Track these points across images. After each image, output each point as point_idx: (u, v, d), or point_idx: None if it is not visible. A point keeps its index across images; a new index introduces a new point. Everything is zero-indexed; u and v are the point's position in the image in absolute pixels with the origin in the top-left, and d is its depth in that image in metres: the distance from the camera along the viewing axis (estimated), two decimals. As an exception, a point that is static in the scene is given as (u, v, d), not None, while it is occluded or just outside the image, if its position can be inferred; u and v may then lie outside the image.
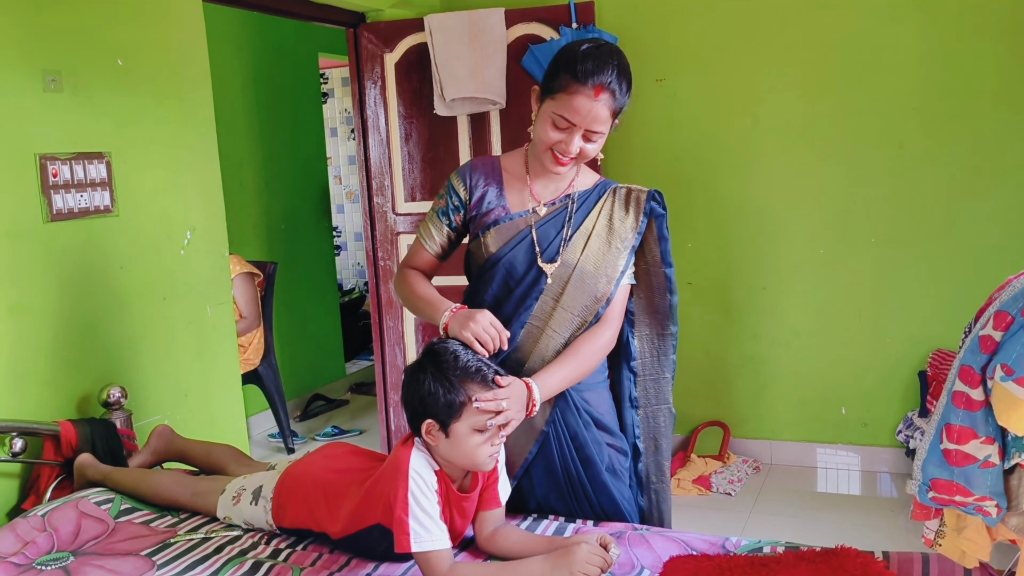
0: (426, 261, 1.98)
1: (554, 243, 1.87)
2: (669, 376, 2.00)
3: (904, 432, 3.54)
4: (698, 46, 3.74)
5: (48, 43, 2.42)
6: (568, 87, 1.73)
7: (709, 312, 3.88)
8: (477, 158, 2.00)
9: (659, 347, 1.98)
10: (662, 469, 2.03)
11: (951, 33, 3.40)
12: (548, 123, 1.78)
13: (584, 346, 1.86)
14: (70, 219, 2.48)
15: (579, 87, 1.72)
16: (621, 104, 1.78)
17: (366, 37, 3.80)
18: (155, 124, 2.74)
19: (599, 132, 1.78)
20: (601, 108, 1.74)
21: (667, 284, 1.93)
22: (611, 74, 1.73)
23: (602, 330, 1.89)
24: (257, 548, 1.87)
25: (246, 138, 4.57)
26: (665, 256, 1.91)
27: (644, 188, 1.93)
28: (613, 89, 1.74)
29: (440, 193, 1.96)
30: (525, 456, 1.90)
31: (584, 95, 1.72)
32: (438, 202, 1.96)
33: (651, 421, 2.01)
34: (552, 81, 1.77)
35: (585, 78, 1.71)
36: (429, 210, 1.98)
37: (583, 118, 1.74)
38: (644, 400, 2.01)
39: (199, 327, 2.93)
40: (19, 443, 2.27)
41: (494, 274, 1.89)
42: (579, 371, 1.87)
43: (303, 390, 5.03)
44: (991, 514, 1.34)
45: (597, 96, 1.72)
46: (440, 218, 1.95)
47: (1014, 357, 1.24)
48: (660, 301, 1.94)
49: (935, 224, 3.51)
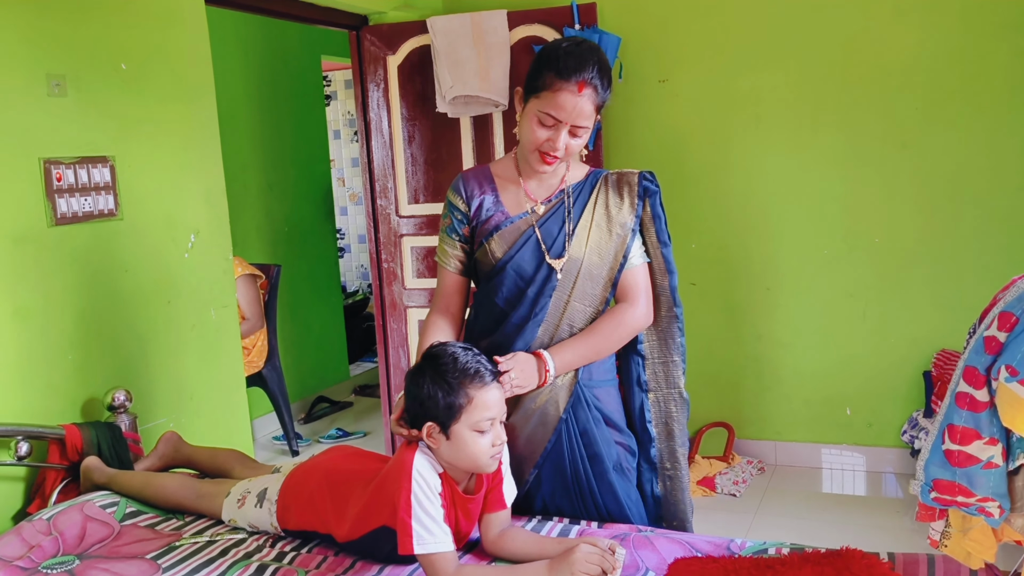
0: (453, 283, 1.99)
1: (558, 239, 1.89)
2: (679, 360, 1.99)
3: (909, 432, 3.54)
4: (700, 47, 3.73)
5: (52, 47, 2.43)
6: (552, 84, 1.77)
7: (713, 313, 3.87)
8: (467, 170, 2.04)
9: (665, 330, 1.99)
10: (676, 456, 2.02)
11: (955, 33, 3.39)
12: (534, 121, 1.81)
13: (604, 324, 1.90)
14: (74, 223, 2.49)
15: (563, 83, 1.76)
16: (603, 99, 1.82)
17: (369, 39, 3.81)
18: (159, 127, 2.75)
19: (584, 127, 1.81)
20: (585, 103, 1.78)
21: (665, 264, 1.94)
22: (592, 70, 1.77)
23: (626, 309, 1.91)
24: (262, 551, 1.87)
25: (249, 141, 4.57)
26: (660, 235, 1.93)
27: (634, 171, 1.96)
28: (595, 84, 1.78)
29: (443, 214, 2.00)
30: (544, 447, 1.91)
31: (568, 91, 1.76)
32: (444, 222, 1.99)
33: (662, 406, 2.01)
34: (535, 80, 1.81)
35: (568, 74, 1.76)
36: (439, 233, 2.01)
37: (568, 114, 1.78)
38: (654, 384, 2.01)
39: (203, 330, 2.93)
40: (24, 447, 2.28)
41: (503, 278, 1.90)
42: (597, 348, 1.90)
43: (307, 392, 5.04)
44: (993, 515, 1.34)
45: (580, 91, 1.76)
46: (450, 236, 1.97)
47: (1019, 358, 1.24)
48: (660, 281, 1.96)
49: (939, 224, 3.51)
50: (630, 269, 1.91)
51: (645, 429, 2.01)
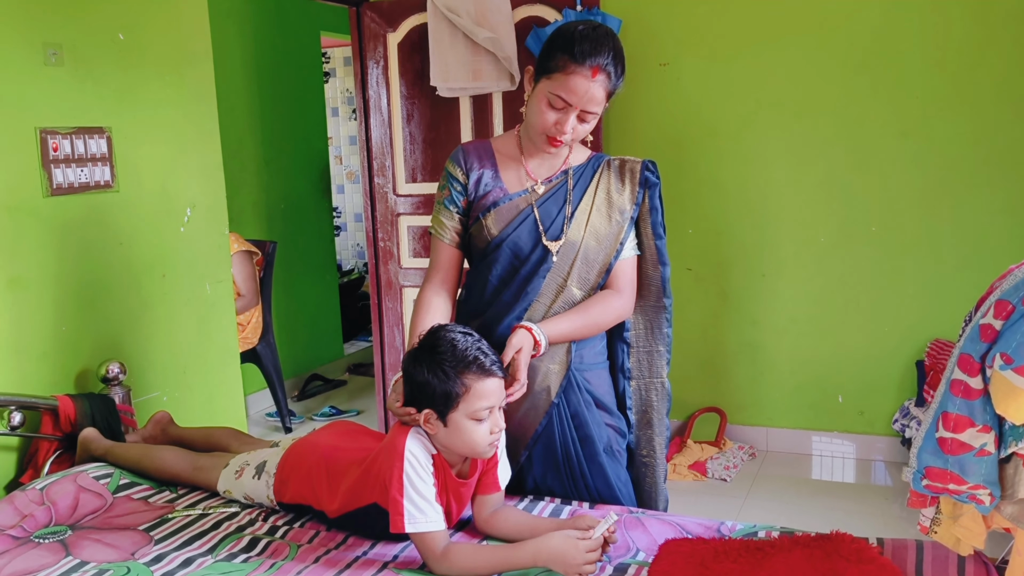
0: (449, 256, 1.96)
1: (556, 220, 1.88)
2: (663, 350, 2.00)
3: (900, 421, 3.55)
4: (702, 30, 3.72)
5: (49, 16, 2.40)
6: (566, 67, 1.74)
7: (708, 298, 3.88)
8: (467, 142, 2.00)
9: (652, 320, 1.99)
10: (652, 445, 2.03)
11: (956, 20, 3.38)
12: (544, 102, 1.78)
13: (595, 306, 1.89)
14: (70, 194, 2.48)
15: (577, 67, 1.73)
16: (616, 86, 1.79)
17: (369, 16, 3.78)
18: (156, 100, 2.73)
19: (593, 113, 1.79)
20: (597, 89, 1.75)
21: (658, 256, 1.95)
22: (608, 56, 1.74)
23: (613, 296, 1.91)
24: (255, 524, 1.88)
25: (247, 116, 4.55)
26: (655, 227, 1.92)
27: (637, 159, 1.94)
28: (609, 71, 1.75)
29: (440, 185, 1.97)
30: (535, 429, 1.91)
31: (581, 75, 1.73)
32: (441, 193, 1.96)
33: (643, 394, 2.02)
34: (548, 61, 1.77)
35: (583, 58, 1.72)
36: (435, 205, 1.98)
37: (579, 98, 1.75)
38: (637, 372, 2.02)
39: (198, 304, 2.93)
40: (18, 417, 2.28)
41: (498, 255, 1.89)
42: (586, 326, 1.89)
43: (301, 370, 5.04)
44: (984, 502, 1.35)
45: (594, 77, 1.73)
46: (448, 207, 1.94)
47: (1014, 346, 1.24)
48: (652, 272, 1.96)
49: (936, 213, 3.51)
50: (622, 259, 1.91)
51: (624, 416, 2.02)
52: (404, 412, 1.67)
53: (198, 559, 1.72)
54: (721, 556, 1.58)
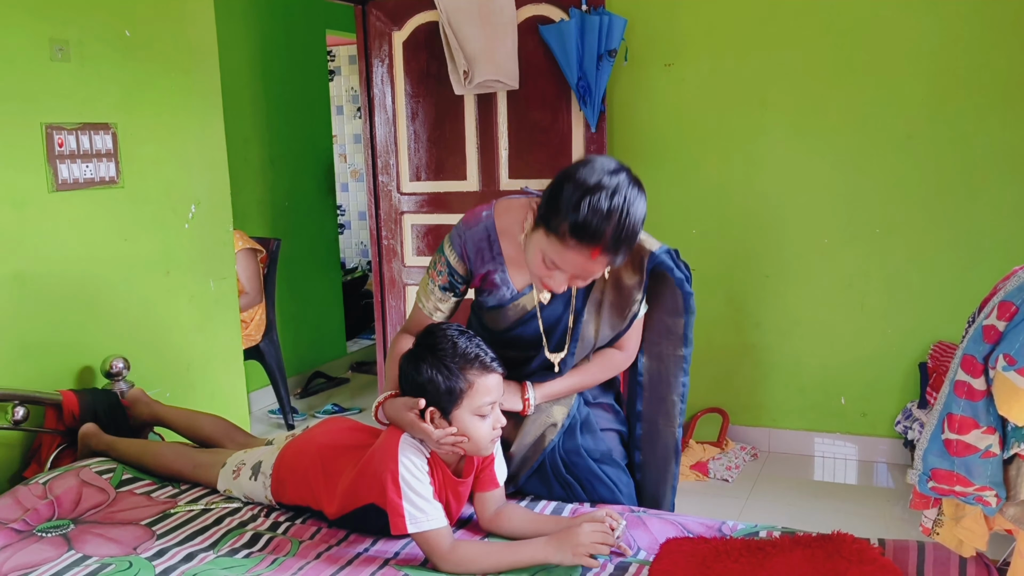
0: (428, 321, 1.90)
1: (563, 322, 1.85)
2: (676, 399, 1.94)
3: (903, 423, 3.55)
4: (707, 31, 3.71)
5: (56, 12, 2.41)
6: (564, 238, 1.57)
7: (711, 299, 3.87)
8: (469, 228, 1.83)
9: (667, 369, 1.93)
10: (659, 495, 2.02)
11: (962, 23, 3.37)
12: (539, 256, 1.64)
13: (595, 366, 1.92)
14: (75, 189, 2.48)
15: (576, 244, 1.56)
16: (620, 261, 1.64)
17: (374, 15, 3.79)
18: (161, 96, 2.74)
19: (592, 278, 1.70)
20: (596, 267, 1.62)
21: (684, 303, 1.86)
22: (613, 237, 1.56)
23: (616, 354, 1.92)
24: (257, 520, 1.88)
25: (252, 114, 4.55)
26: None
27: (647, 247, 1.81)
28: (611, 252, 1.59)
29: (438, 269, 1.86)
30: (530, 466, 1.92)
31: (579, 253, 1.58)
32: (437, 278, 1.86)
33: (653, 441, 2.00)
34: (551, 217, 1.59)
35: (585, 239, 1.55)
36: (426, 282, 1.90)
37: (575, 269, 1.63)
38: (649, 415, 1.99)
39: (202, 301, 2.93)
40: (21, 411, 2.28)
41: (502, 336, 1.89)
42: (583, 385, 1.92)
43: (304, 367, 5.04)
44: (991, 504, 1.35)
45: (594, 258, 1.58)
46: (443, 291, 1.87)
47: (1017, 347, 1.24)
48: (670, 321, 1.89)
49: (940, 215, 3.50)
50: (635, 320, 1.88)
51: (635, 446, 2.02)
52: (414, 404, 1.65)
53: (200, 554, 1.72)
54: (722, 555, 1.58)
